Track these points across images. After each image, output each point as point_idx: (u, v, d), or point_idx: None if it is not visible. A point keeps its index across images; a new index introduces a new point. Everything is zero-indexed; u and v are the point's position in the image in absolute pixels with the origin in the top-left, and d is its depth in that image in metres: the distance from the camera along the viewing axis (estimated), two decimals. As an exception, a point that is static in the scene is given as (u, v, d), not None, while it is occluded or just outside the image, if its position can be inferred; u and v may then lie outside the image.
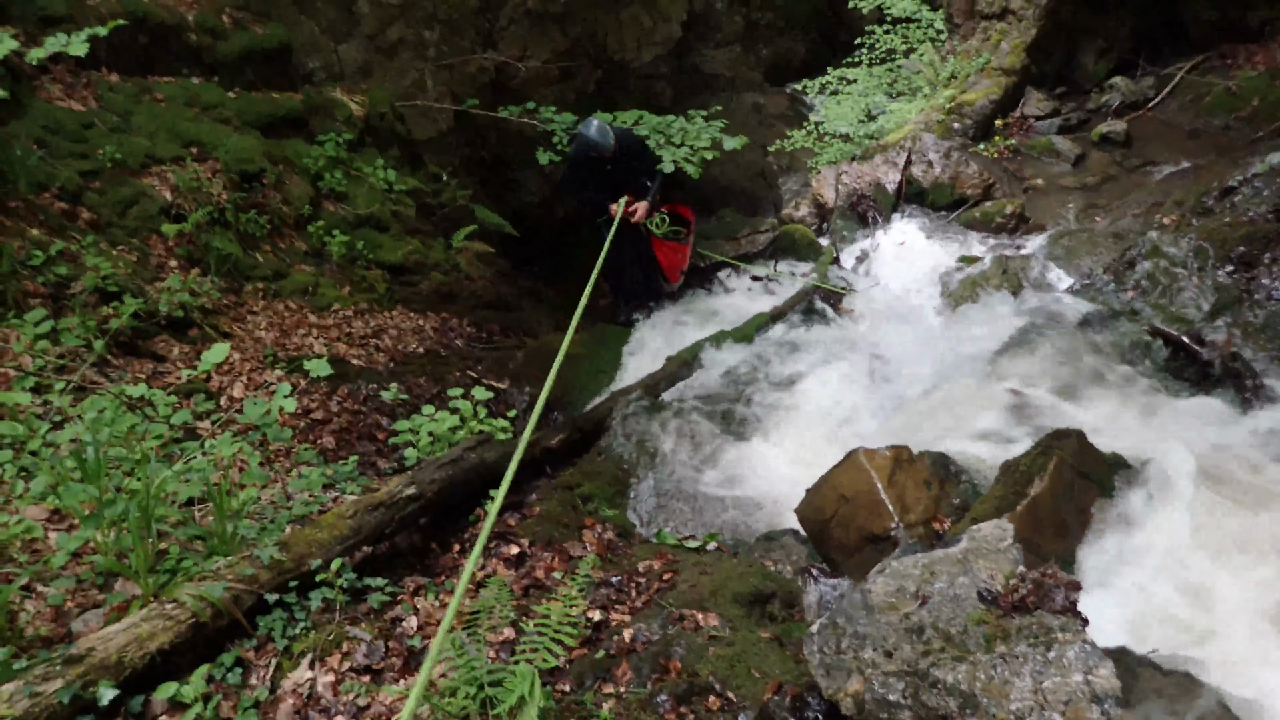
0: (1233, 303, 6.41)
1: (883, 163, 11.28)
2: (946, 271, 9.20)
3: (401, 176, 7.98)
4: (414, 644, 3.94)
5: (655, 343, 8.08)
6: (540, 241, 10.98)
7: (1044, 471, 4.66)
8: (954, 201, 10.81)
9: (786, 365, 7.08)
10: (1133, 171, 11.53)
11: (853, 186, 11.07)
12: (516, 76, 9.30)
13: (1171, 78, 12.80)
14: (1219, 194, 7.46)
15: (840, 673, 3.24)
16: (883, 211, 10.70)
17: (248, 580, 3.69)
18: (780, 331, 7.88)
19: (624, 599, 4.54)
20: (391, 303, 7.27)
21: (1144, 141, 12.18)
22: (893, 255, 9.84)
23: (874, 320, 8.43)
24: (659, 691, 3.80)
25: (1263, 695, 3.82)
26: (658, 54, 10.48)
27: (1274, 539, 4.51)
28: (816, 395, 6.64)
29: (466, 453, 4.87)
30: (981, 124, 12.24)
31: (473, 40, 9.01)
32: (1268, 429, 5.32)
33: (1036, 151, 11.94)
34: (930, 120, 12.20)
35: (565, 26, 9.65)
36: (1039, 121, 12.59)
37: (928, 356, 7.40)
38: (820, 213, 11.13)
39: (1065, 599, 3.21)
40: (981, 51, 13.04)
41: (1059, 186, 11.40)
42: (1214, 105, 12.23)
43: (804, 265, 9.75)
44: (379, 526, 4.32)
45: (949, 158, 11.10)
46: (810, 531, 5.09)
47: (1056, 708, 2.93)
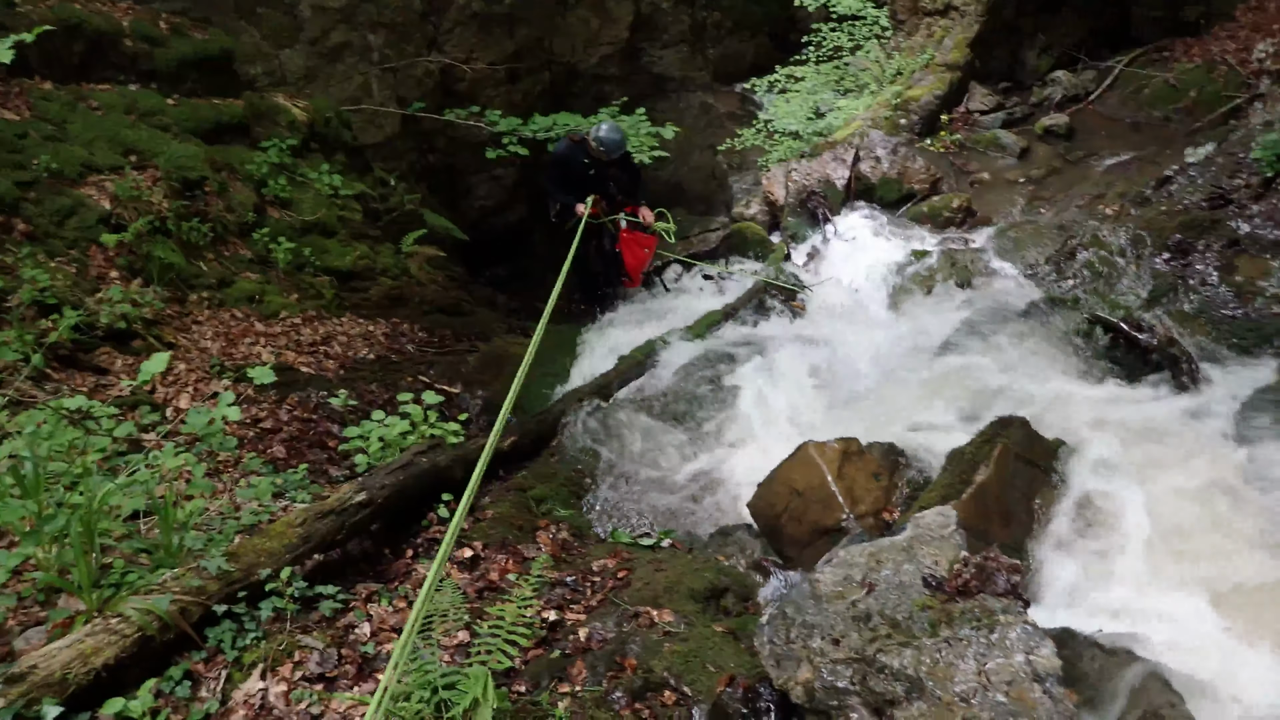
0: (1169, 289, 6.56)
1: (831, 160, 11.36)
2: (897, 266, 9.28)
3: (348, 181, 7.92)
4: (368, 650, 3.91)
5: (608, 343, 8.08)
6: (493, 245, 10.95)
7: (989, 459, 4.73)
8: (902, 197, 10.91)
9: (739, 362, 7.12)
10: (1076, 163, 11.72)
11: (802, 184, 11.14)
12: (463, 80, 9.26)
13: (1111, 71, 13.03)
14: (1156, 184, 7.62)
15: (790, 662, 3.26)
16: (832, 208, 10.78)
17: (195, 592, 3.64)
18: (732, 329, 7.92)
19: (579, 598, 4.54)
20: (340, 309, 7.22)
21: (1086, 134, 12.38)
22: (843, 251, 9.91)
23: (825, 315, 8.50)
24: (614, 689, 3.81)
25: (1201, 671, 3.90)
26: (606, 55, 10.49)
27: (1212, 519, 4.61)
28: (768, 391, 6.68)
29: (418, 457, 4.85)
30: (927, 119, 12.37)
31: (418, 44, 8.97)
32: (1204, 411, 5.44)
33: (982, 146, 12.10)
34: (877, 117, 12.32)
35: (512, 29, 9.63)
36: (983, 116, 12.75)
37: (878, 350, 7.48)
38: (771, 210, 11.19)
39: (1007, 582, 3.26)
40: (926, 48, 13.19)
41: (1004, 180, 11.55)
42: (1154, 98, 12.47)
43: (756, 263, 9.80)
44: (330, 534, 4.29)
45: (896, 154, 11.21)
46: (763, 525, 5.12)
47: (1000, 688, 2.98)
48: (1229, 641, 4.19)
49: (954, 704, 2.96)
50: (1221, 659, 4.10)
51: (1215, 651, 4.15)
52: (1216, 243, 6.75)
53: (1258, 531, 4.62)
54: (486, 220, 10.91)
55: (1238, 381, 5.73)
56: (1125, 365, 6.14)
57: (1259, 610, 4.27)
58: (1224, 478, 4.91)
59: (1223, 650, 4.16)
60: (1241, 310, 6.30)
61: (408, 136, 9.58)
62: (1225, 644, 4.19)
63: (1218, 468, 4.98)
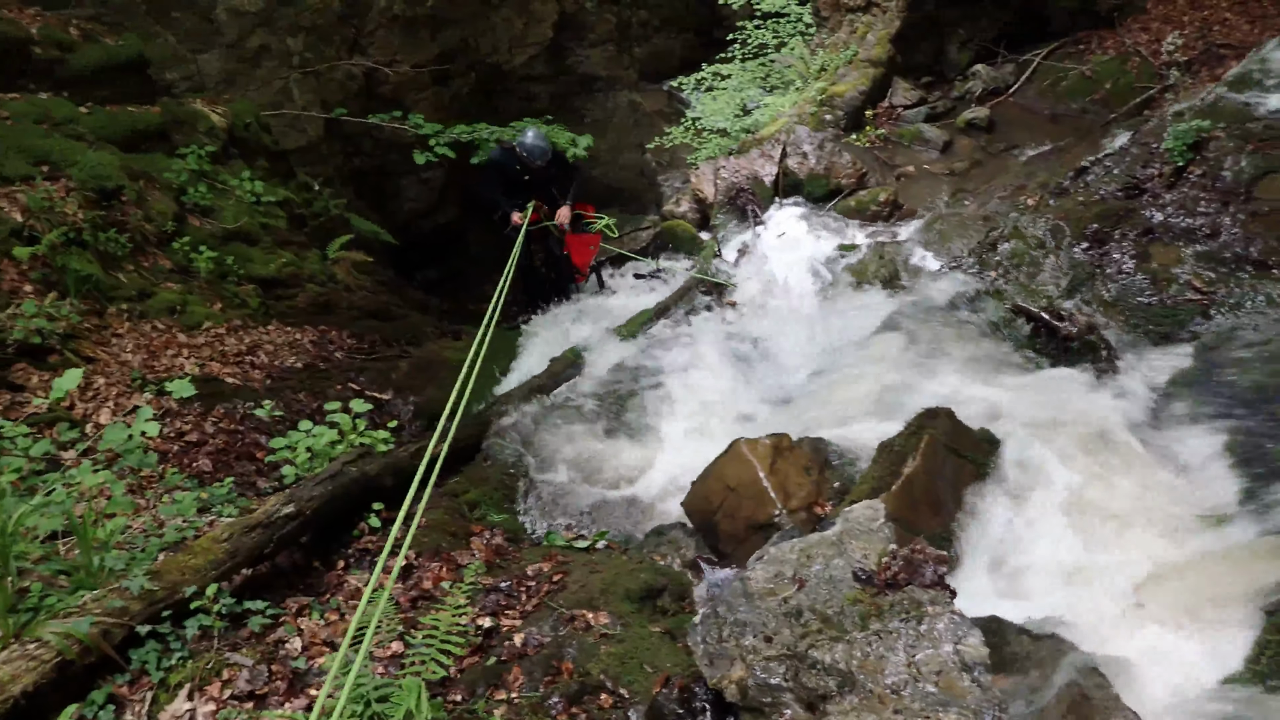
0: (1087, 278, 6.71)
1: (759, 156, 11.45)
2: (826, 260, 9.39)
3: (270, 188, 7.78)
4: (299, 665, 3.85)
5: (541, 344, 8.06)
6: (424, 248, 10.85)
7: (917, 450, 4.81)
8: (830, 192, 11.03)
9: (671, 360, 7.14)
10: (997, 155, 11.97)
11: (731, 180, 11.21)
12: (387, 82, 9.16)
13: (1030, 64, 13.32)
14: (1074, 175, 7.79)
15: (724, 661, 3.28)
16: (761, 204, 10.86)
17: (117, 613, 3.56)
18: (665, 327, 7.94)
19: (514, 603, 4.51)
20: (266, 318, 7.09)
21: (1007, 126, 12.65)
22: (773, 246, 9.99)
23: (757, 311, 8.56)
24: (551, 694, 3.80)
25: (1126, 651, 4.01)
26: (532, 55, 10.43)
27: (1134, 503, 4.74)
28: (701, 388, 6.72)
29: (346, 467, 4.78)
30: (852, 115, 12.53)
31: (339, 47, 8.84)
32: (1123, 396, 5.58)
33: (906, 140, 12.29)
34: (803, 113, 12.44)
35: (435, 31, 9.53)
36: (907, 110, 12.96)
37: (809, 344, 7.56)
38: (701, 208, 11.25)
39: (934, 573, 3.31)
40: (849, 44, 13.35)
41: (929, 173, 11.75)
42: (1071, 89, 12.78)
43: (687, 260, 9.84)
44: (257, 548, 4.21)
45: (823, 149, 11.32)
46: (698, 523, 5.14)
47: (930, 679, 3.02)
48: (1152, 621, 4.30)
49: (885, 696, 2.99)
50: (1145, 638, 4.21)
51: (1139, 631, 4.26)
52: (1132, 231, 6.93)
53: (1175, 512, 4.76)
54: (416, 223, 10.81)
55: (1154, 367, 5.89)
56: (1047, 353, 6.27)
57: (1178, 589, 4.39)
58: (1142, 461, 5.05)
59: (1146, 630, 4.27)
60: (1156, 297, 6.47)
61: (332, 140, 9.45)
62: (1148, 624, 4.30)
63: (1136, 450, 5.12)
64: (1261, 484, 4.72)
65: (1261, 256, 6.38)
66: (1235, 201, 6.81)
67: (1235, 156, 7.11)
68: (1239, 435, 5.08)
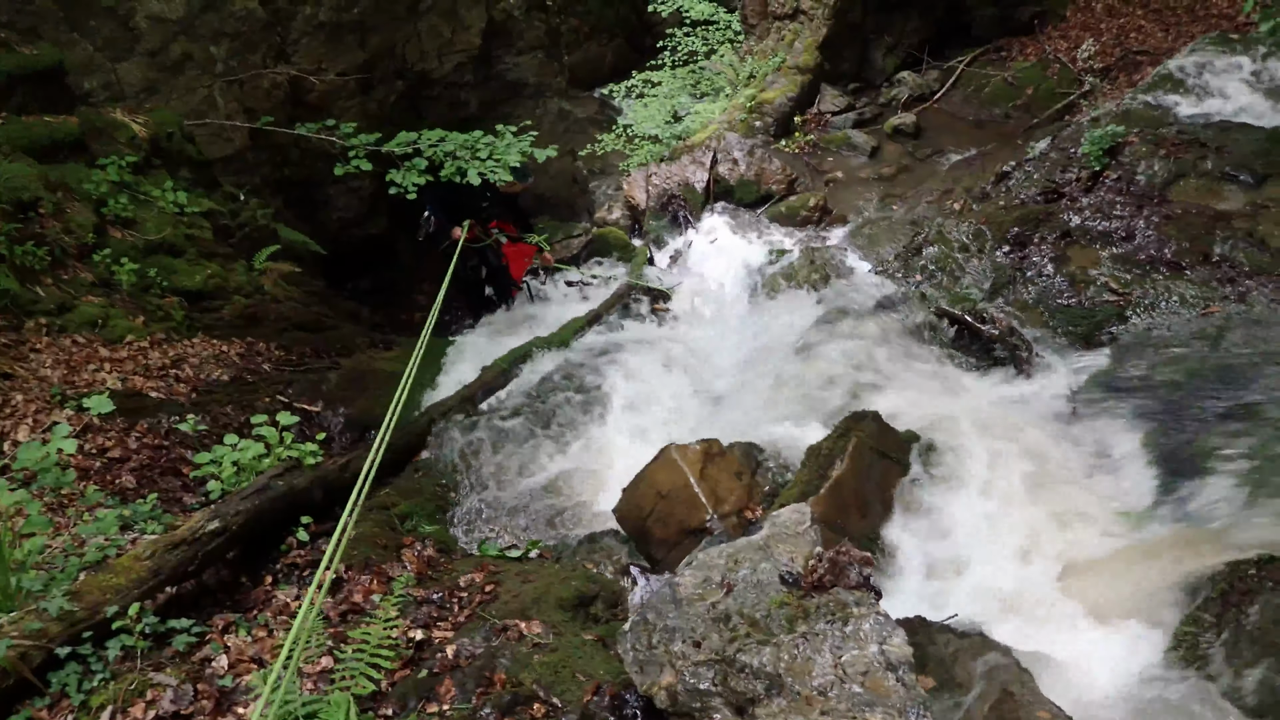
0: (1009, 281, 6.87)
1: (690, 162, 11.52)
2: (757, 266, 9.47)
3: (195, 198, 7.64)
4: (225, 684, 3.79)
5: (474, 353, 8.02)
6: (356, 258, 10.73)
7: (844, 453, 4.88)
8: (760, 197, 11.13)
9: (603, 367, 7.15)
10: (924, 160, 12.17)
11: (663, 187, 11.25)
12: (313, 90, 9.05)
13: (954, 70, 13.58)
14: (996, 179, 7.96)
15: (653, 667, 3.30)
16: (693, 210, 10.92)
17: (35, 635, 3.48)
18: (597, 334, 7.95)
19: (446, 615, 4.49)
20: (192, 330, 6.96)
21: (933, 132, 12.88)
22: (705, 253, 10.05)
23: (689, 317, 8.61)
24: (483, 705, 3.78)
25: (1049, 646, 4.11)
26: (460, 63, 10.39)
27: (1055, 500, 4.85)
28: (633, 395, 6.74)
29: (273, 481, 4.73)
30: (781, 121, 12.66)
31: (264, 55, 8.72)
32: (1043, 396, 5.73)
33: (834, 145, 12.45)
34: (733, 119, 12.54)
35: (362, 38, 9.45)
36: (835, 116, 13.12)
37: (740, 349, 7.63)
38: (633, 215, 11.28)
39: (859, 574, 3.36)
40: (777, 51, 13.48)
41: (858, 178, 11.91)
42: (994, 95, 13.06)
43: (619, 267, 9.86)
44: (181, 565, 4.14)
45: (753, 155, 11.43)
46: (630, 530, 5.16)
47: (856, 679, 3.07)
48: (1074, 616, 4.41)
49: (813, 698, 3.04)
50: (1068, 633, 4.32)
51: (1062, 626, 4.37)
52: (1051, 234, 7.10)
53: (1095, 508, 4.89)
54: (347, 233, 10.69)
55: (1073, 367, 6.04)
56: (970, 355, 6.41)
57: (1099, 583, 4.51)
58: (1063, 459, 5.18)
59: (1068, 625, 4.38)
60: (1075, 299, 6.64)
61: (259, 150, 9.31)
62: (1071, 618, 4.41)
63: (1057, 449, 5.25)
64: (1176, 479, 4.86)
65: (1175, 258, 6.58)
66: (1149, 204, 7.02)
67: (1149, 161, 7.34)
68: (1154, 432, 5.24)
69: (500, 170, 7.76)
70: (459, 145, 7.96)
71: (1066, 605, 4.45)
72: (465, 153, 7.94)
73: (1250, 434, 4.92)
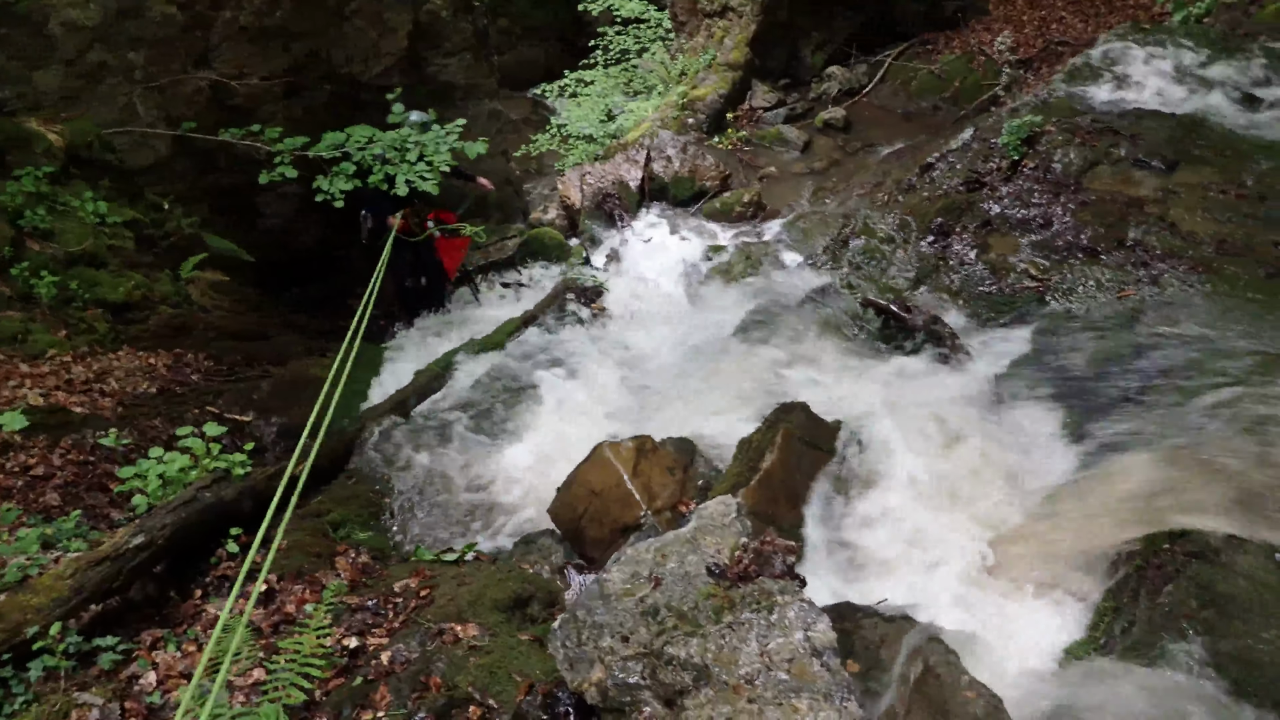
0: (933, 270, 7.00)
1: (624, 161, 11.54)
2: (693, 262, 9.54)
3: (116, 208, 7.50)
4: (154, 700, 3.76)
5: (409, 358, 7.99)
6: (292, 267, 10.59)
7: (773, 445, 4.94)
8: (695, 194, 11.20)
9: (538, 368, 7.16)
10: (855, 154, 12.33)
11: (598, 186, 11.26)
12: (237, 95, 8.92)
13: (882, 65, 13.78)
14: (921, 171, 8.09)
15: (583, 664, 3.32)
16: (629, 209, 10.95)
17: (-48, 659, 3.42)
18: (533, 335, 7.94)
19: (381, 621, 4.48)
20: (116, 343, 6.85)
21: (863, 126, 13.05)
22: (642, 251, 10.10)
23: (625, 316, 8.64)
24: (419, 710, 3.79)
25: (973, 625, 4.20)
26: (388, 66, 10.28)
27: (979, 482, 4.96)
28: (568, 394, 6.76)
29: (200, 493, 4.68)
30: (714, 118, 12.74)
31: (184, 60, 8.56)
32: (966, 381, 5.84)
33: (767, 141, 12.56)
34: (666, 117, 12.60)
35: (286, 42, 9.32)
36: (767, 112, 13.24)
37: (675, 345, 7.67)
38: (569, 214, 11.27)
39: (783, 563, 3.41)
40: (708, 48, 13.56)
41: (791, 173, 12.03)
42: (922, 88, 13.26)
43: (555, 267, 9.86)
44: (105, 582, 4.09)
45: (686, 152, 11.49)
46: (565, 529, 5.18)
47: (782, 666, 3.12)
48: (998, 595, 4.51)
49: (740, 686, 3.08)
50: (992, 612, 4.41)
51: (986, 606, 4.46)
52: (972, 223, 7.24)
53: (1017, 489, 4.99)
54: (280, 240, 10.53)
55: (995, 352, 6.15)
56: (896, 342, 6.51)
57: (1022, 563, 4.61)
58: (986, 442, 5.28)
59: (993, 604, 4.47)
60: (996, 286, 6.78)
61: (184, 157, 9.14)
62: (995, 598, 4.50)
63: (981, 433, 5.35)
64: (1093, 457, 4.99)
65: (1091, 244, 6.74)
66: (1066, 192, 7.18)
67: (1065, 149, 7.51)
68: (1073, 412, 5.37)
69: (431, 176, 7.69)
70: (387, 146, 7.88)
71: (991, 585, 4.54)
72: (395, 155, 7.86)
73: (1163, 412, 5.07)
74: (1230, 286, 6.13)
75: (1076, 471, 5.04)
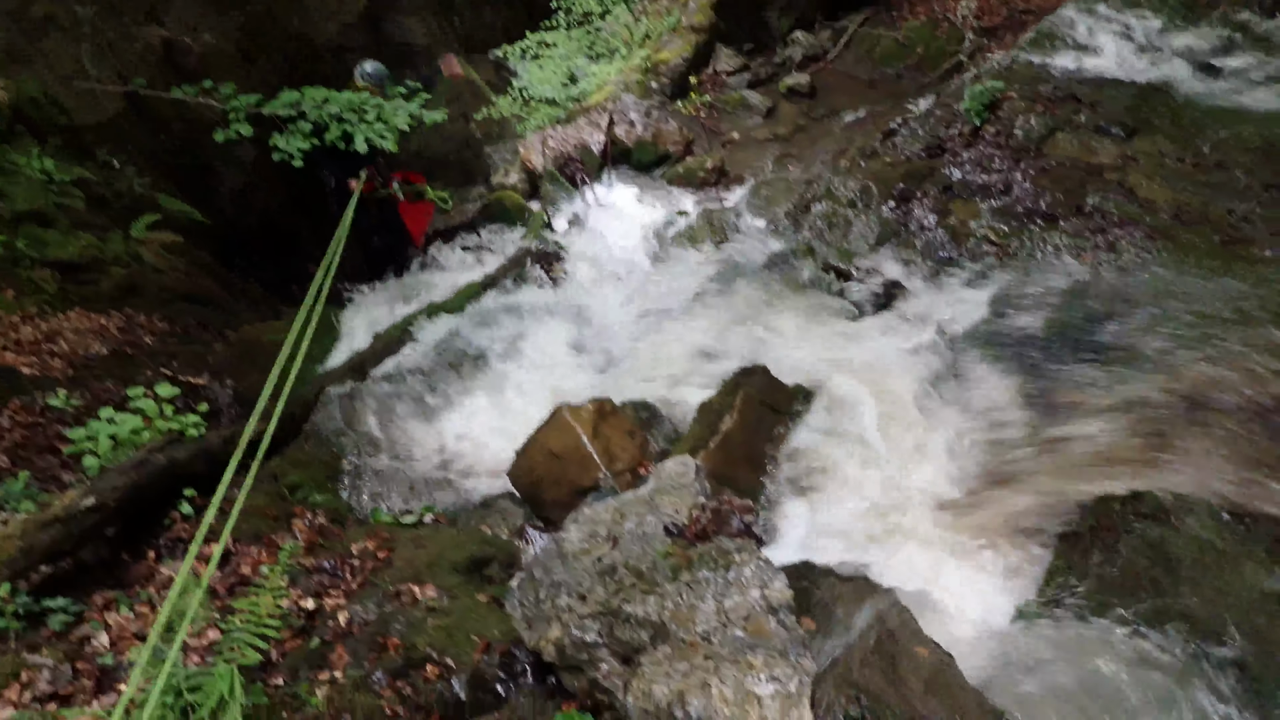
0: (894, 235, 7.01)
1: (587, 125, 11.44)
2: (656, 228, 9.49)
3: (64, 167, 7.33)
4: (106, 662, 3.72)
5: (367, 320, 7.90)
6: (245, 231, 10.42)
7: (733, 408, 4.95)
8: (657, 159, 11.12)
9: (498, 332, 7.11)
10: (819, 120, 12.28)
11: (560, 150, 11.17)
12: (190, 53, 8.73)
13: (846, 30, 13.72)
14: (883, 136, 8.10)
15: (541, 623, 3.32)
16: (591, 173, 10.86)
17: (-103, 621, 3.36)
18: (493, 299, 7.87)
19: (339, 583, 4.46)
20: (66, 304, 6.71)
21: (828, 92, 12.99)
22: (603, 216, 10.03)
23: (586, 280, 8.58)
24: (375, 670, 3.78)
25: (930, 587, 4.25)
26: (346, 25, 10.13)
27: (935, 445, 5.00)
28: (528, 358, 6.72)
29: (153, 454, 4.62)
30: (677, 82, 12.63)
31: (135, 17, 8.37)
32: (925, 345, 5.87)
33: (731, 106, 12.48)
34: (629, 80, 12.48)
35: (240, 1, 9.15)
36: (730, 77, 13.13)
37: (637, 310, 7.63)
38: (530, 178, 11.16)
39: (740, 522, 3.43)
40: (672, 10, 13.44)
41: (754, 139, 11.96)
42: (886, 55, 13.23)
43: (516, 232, 9.78)
44: (56, 543, 4.04)
45: (649, 116, 11.40)
46: (524, 492, 5.17)
47: (738, 624, 3.14)
48: (954, 555, 4.57)
49: (697, 643, 3.09)
50: (947, 572, 4.47)
51: (942, 566, 4.52)
52: (934, 189, 7.26)
53: (974, 452, 5.05)
54: (237, 203, 10.36)
55: (954, 317, 6.18)
56: (856, 307, 6.54)
57: (977, 524, 4.67)
58: (943, 405, 5.33)
59: (948, 564, 4.53)
60: (956, 251, 6.81)
61: (135, 117, 8.94)
62: (950, 558, 4.56)
63: (938, 396, 5.40)
64: (1049, 420, 5.05)
65: (1050, 210, 6.78)
66: (1026, 158, 7.22)
67: (1026, 116, 7.53)
68: (1029, 376, 5.41)
69: (389, 135, 7.56)
70: (344, 107, 7.73)
71: (945, 546, 4.60)
72: (352, 115, 7.72)
73: (1117, 377, 5.13)
74: (1186, 254, 6.20)
75: (1032, 434, 5.09)
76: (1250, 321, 5.29)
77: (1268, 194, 6.60)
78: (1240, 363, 4.94)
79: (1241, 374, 4.87)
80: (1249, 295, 5.58)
